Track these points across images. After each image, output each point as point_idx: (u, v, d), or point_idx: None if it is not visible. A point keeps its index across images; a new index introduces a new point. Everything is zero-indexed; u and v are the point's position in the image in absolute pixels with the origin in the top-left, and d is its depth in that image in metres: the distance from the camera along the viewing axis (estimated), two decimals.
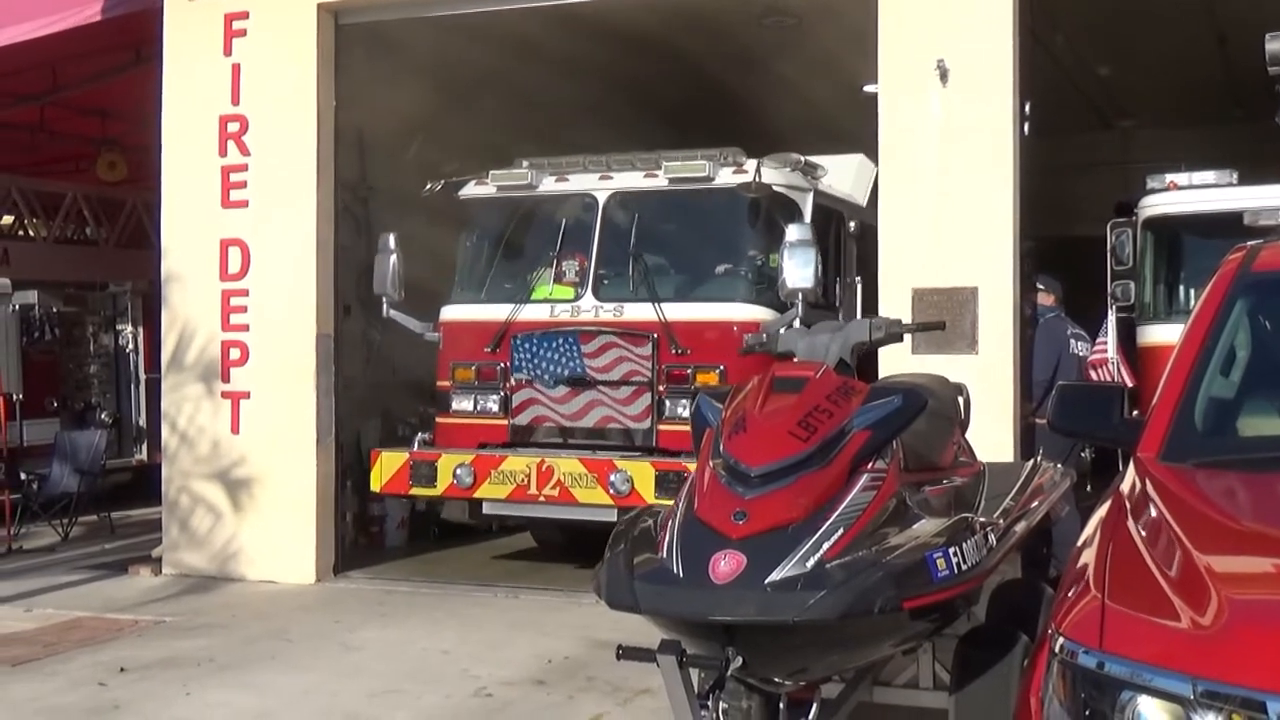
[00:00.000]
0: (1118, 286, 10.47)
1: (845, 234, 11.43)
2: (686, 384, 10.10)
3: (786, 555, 4.34)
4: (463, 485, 10.56)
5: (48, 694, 7.67)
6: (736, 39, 13.23)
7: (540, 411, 10.90)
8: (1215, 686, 2.58)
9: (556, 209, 11.24)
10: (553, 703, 7.35)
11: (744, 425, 4.88)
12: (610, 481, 9.80)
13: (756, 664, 4.50)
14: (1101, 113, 16.85)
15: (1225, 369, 4.45)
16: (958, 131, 9.19)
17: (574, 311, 10.72)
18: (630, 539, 4.90)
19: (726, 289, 10.66)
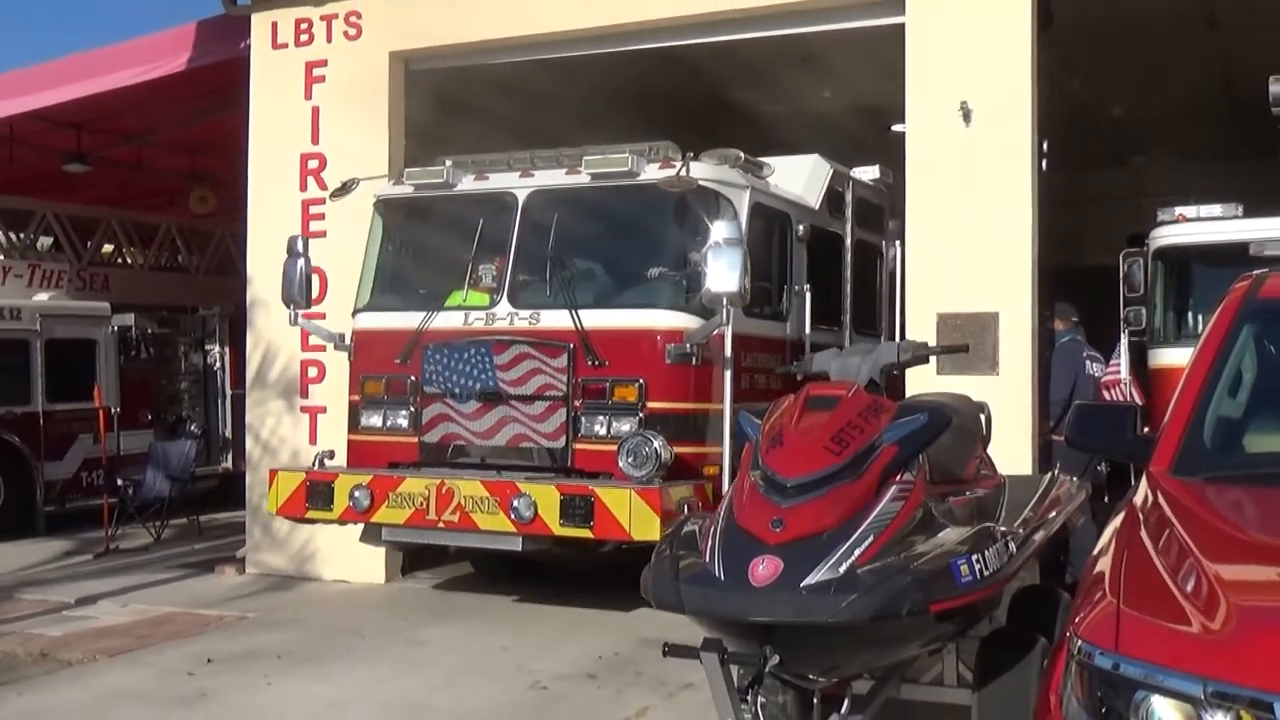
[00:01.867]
0: (1130, 312, 10.36)
1: (792, 237, 9.64)
2: (604, 399, 8.51)
3: (821, 560, 4.33)
4: (359, 509, 8.76)
5: (141, 683, 7.76)
6: (780, 81, 13.18)
7: (451, 428, 9.04)
8: (1225, 687, 2.56)
9: (475, 209, 9.37)
10: (603, 696, 7.33)
11: (781, 440, 4.86)
12: (513, 506, 8.08)
13: (793, 662, 4.49)
14: (1116, 150, 16.71)
15: (1232, 390, 4.41)
16: (980, 168, 9.14)
17: (488, 319, 8.94)
18: (675, 543, 4.89)
19: (649, 295, 8.83)
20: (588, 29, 10.78)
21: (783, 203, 9.57)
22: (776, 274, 9.50)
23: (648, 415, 8.26)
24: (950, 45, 9.26)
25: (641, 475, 7.77)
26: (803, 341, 9.44)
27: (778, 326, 9.42)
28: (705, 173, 8.64)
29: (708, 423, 8.50)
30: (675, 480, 8.12)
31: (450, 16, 11.24)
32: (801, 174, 10.11)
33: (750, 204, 8.86)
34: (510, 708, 7.20)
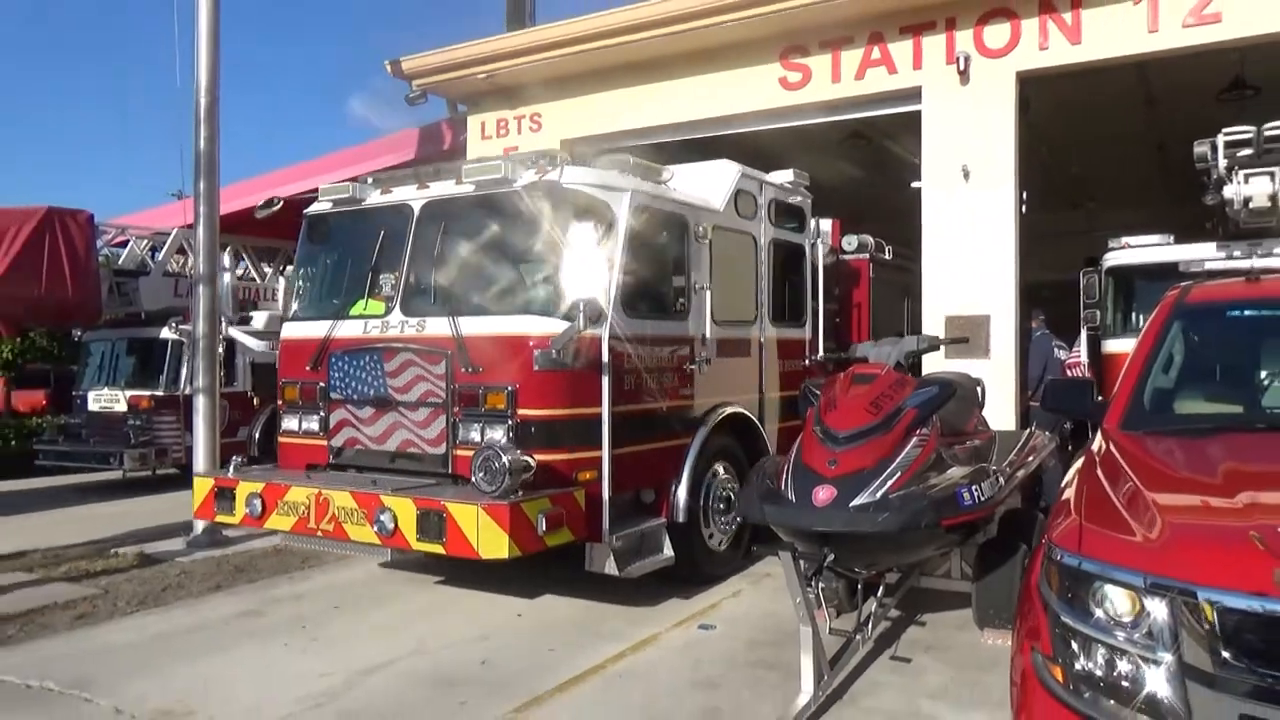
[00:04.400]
0: (1088, 313, 10.08)
1: (690, 237, 7.14)
2: (478, 406, 6.27)
3: (863, 489, 4.42)
4: (255, 515, 6.74)
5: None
6: (830, 153, 13.04)
7: (352, 434, 6.91)
8: (1159, 580, 2.51)
9: (380, 221, 7.18)
10: (716, 589, 7.12)
11: (835, 404, 4.95)
12: (376, 519, 5.99)
13: (843, 559, 4.61)
14: (1074, 197, 16.16)
15: (1165, 369, 4.29)
16: (976, 212, 9.03)
17: (383, 327, 6.77)
18: (759, 476, 5.00)
19: (521, 301, 6.43)
20: (691, 120, 10.78)
21: (677, 204, 7.10)
22: (673, 274, 7.21)
23: (519, 422, 6.07)
24: (954, 125, 9.15)
25: (492, 490, 5.59)
26: (705, 337, 7.15)
27: (676, 325, 7.02)
28: (578, 177, 6.41)
29: (585, 428, 6.15)
30: (540, 490, 5.81)
31: (600, 113, 11.31)
32: (706, 178, 7.86)
33: (632, 206, 6.50)
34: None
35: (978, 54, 8.97)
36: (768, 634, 5.85)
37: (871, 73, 9.57)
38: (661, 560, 6.56)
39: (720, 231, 7.46)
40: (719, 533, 7.21)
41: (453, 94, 12.22)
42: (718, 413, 7.16)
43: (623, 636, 5.94)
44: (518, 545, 5.49)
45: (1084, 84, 9.62)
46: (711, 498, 7.11)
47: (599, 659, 5.56)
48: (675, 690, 5.08)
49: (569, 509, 5.89)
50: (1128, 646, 2.51)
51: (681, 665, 5.46)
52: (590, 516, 6.06)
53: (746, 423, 7.57)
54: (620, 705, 4.90)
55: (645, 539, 6.56)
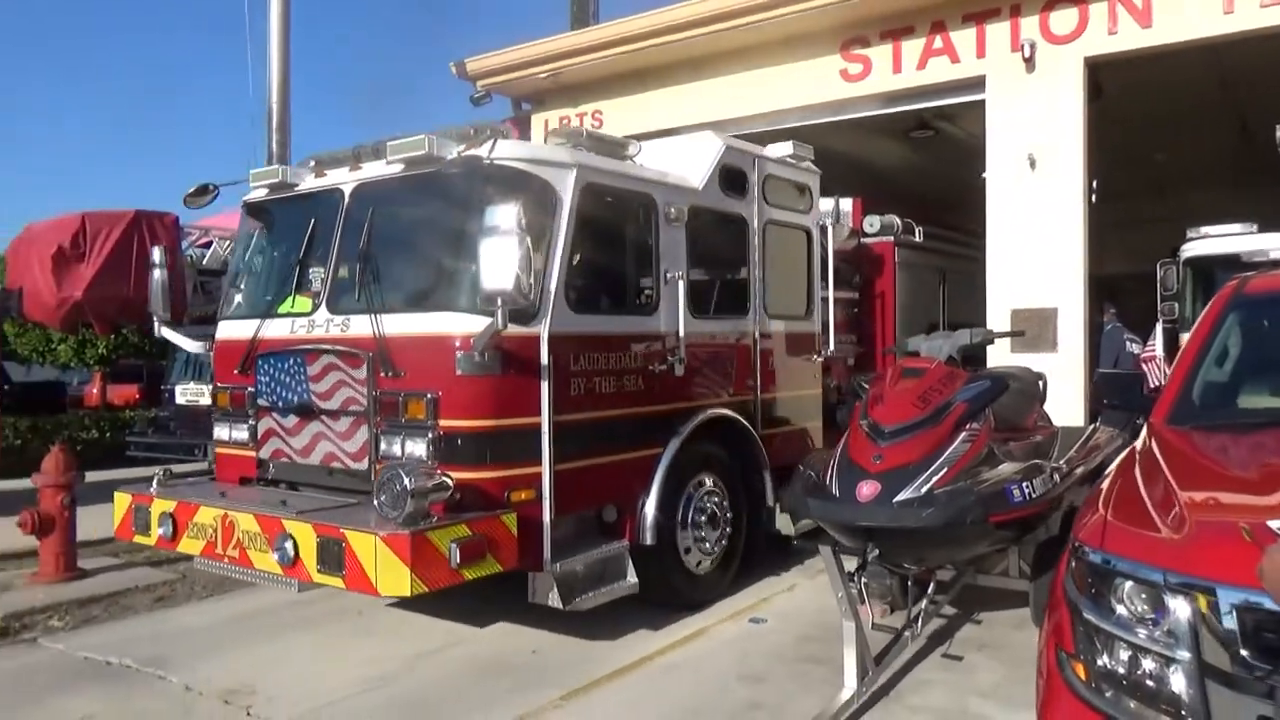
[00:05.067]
0: (1165, 306, 9.73)
1: (658, 220, 6.13)
2: (398, 416, 5.34)
3: (908, 484, 4.33)
4: (167, 537, 5.82)
5: None
6: (895, 145, 12.85)
7: (278, 444, 6.04)
8: (1179, 577, 2.47)
9: (312, 208, 6.19)
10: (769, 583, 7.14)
11: (882, 398, 4.84)
12: (277, 545, 5.10)
13: (888, 554, 4.48)
14: (1160, 183, 15.58)
15: (1220, 361, 4.15)
16: (1043, 202, 8.81)
17: (309, 327, 5.86)
18: (806, 470, 4.93)
19: (448, 295, 5.39)
20: (751, 114, 10.69)
21: (640, 182, 6.12)
22: (635, 262, 6.23)
23: (441, 434, 5.20)
24: (1019, 114, 8.95)
25: (395, 517, 4.78)
26: (679, 333, 6.15)
27: (641, 320, 6.06)
28: (512, 152, 5.46)
29: (520, 441, 5.27)
30: (459, 515, 4.96)
31: (661, 109, 11.28)
32: (682, 153, 6.78)
33: (579, 185, 5.57)
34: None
35: (1044, 40, 8.76)
36: (819, 629, 5.83)
37: (934, 62, 9.41)
38: (622, 589, 5.73)
39: (699, 213, 6.46)
40: (701, 553, 6.39)
41: (516, 93, 12.38)
42: (696, 418, 6.31)
43: (672, 631, 5.98)
44: (422, 580, 4.66)
45: (1158, 67, 9.29)
46: (691, 513, 6.33)
47: (647, 651, 5.63)
48: (720, 683, 5.10)
49: (495, 535, 5.01)
50: (1149, 645, 2.48)
51: (729, 658, 5.49)
52: (527, 542, 5.18)
53: (739, 428, 6.74)
54: (665, 696, 4.97)
55: (604, 565, 5.73)
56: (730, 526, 6.63)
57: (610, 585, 5.70)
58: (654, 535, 5.91)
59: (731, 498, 6.64)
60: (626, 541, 5.86)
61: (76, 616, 6.50)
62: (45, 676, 5.45)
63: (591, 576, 5.64)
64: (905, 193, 12.94)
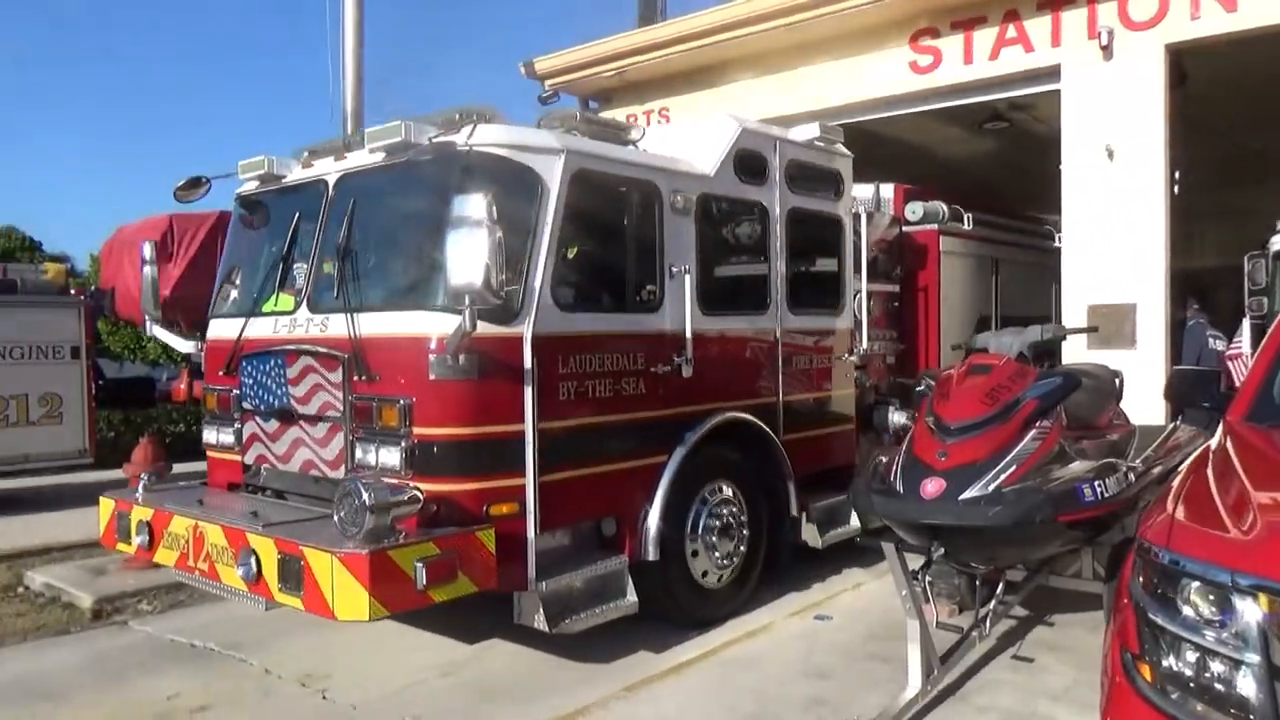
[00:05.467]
0: (1252, 301, 9.33)
1: (662, 209, 5.69)
2: (372, 422, 5.01)
3: (974, 481, 4.29)
4: (144, 546, 5.56)
5: None
6: (968, 138, 12.58)
7: (261, 450, 5.77)
8: (1246, 578, 2.42)
9: (298, 201, 5.87)
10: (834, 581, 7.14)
11: (948, 395, 4.84)
12: (241, 560, 4.80)
13: (954, 553, 4.45)
14: (1255, 172, 14.86)
15: None
16: (1121, 195, 8.55)
17: (290, 326, 5.56)
18: (871, 468, 4.94)
19: (424, 293, 4.98)
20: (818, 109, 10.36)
21: (641, 169, 5.68)
22: (635, 255, 5.74)
23: (416, 443, 4.83)
24: (1097, 104, 8.69)
25: (355, 534, 4.41)
26: (686, 331, 5.71)
27: (642, 318, 5.62)
28: (492, 137, 5.03)
29: (500, 450, 4.89)
30: (429, 531, 4.63)
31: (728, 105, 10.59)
32: (698, 137, 6.31)
33: (568, 172, 5.15)
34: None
35: (1122, 27, 8.49)
36: (886, 628, 5.80)
37: (1006, 52, 9.21)
38: (620, 609, 5.35)
39: (711, 201, 6.09)
40: (713, 567, 6.01)
41: (584, 92, 12.43)
42: (706, 423, 5.88)
43: (735, 626, 6.02)
44: (382, 603, 4.32)
45: (1247, 52, 8.92)
46: (702, 525, 5.96)
47: (710, 645, 5.68)
48: (784, 678, 5.12)
49: (469, 553, 4.65)
50: (1216, 647, 2.44)
51: (793, 655, 5.51)
52: (508, 560, 4.82)
53: (757, 432, 6.32)
54: (728, 689, 5.00)
55: (602, 581, 5.35)
56: (748, 538, 6.27)
57: (606, 604, 5.30)
58: (657, 549, 5.54)
59: (750, 507, 6.28)
60: (626, 556, 5.46)
61: (164, 601, 6.82)
62: (135, 657, 5.75)
63: (587, 595, 5.26)
64: (979, 186, 12.60)
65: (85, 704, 5.11)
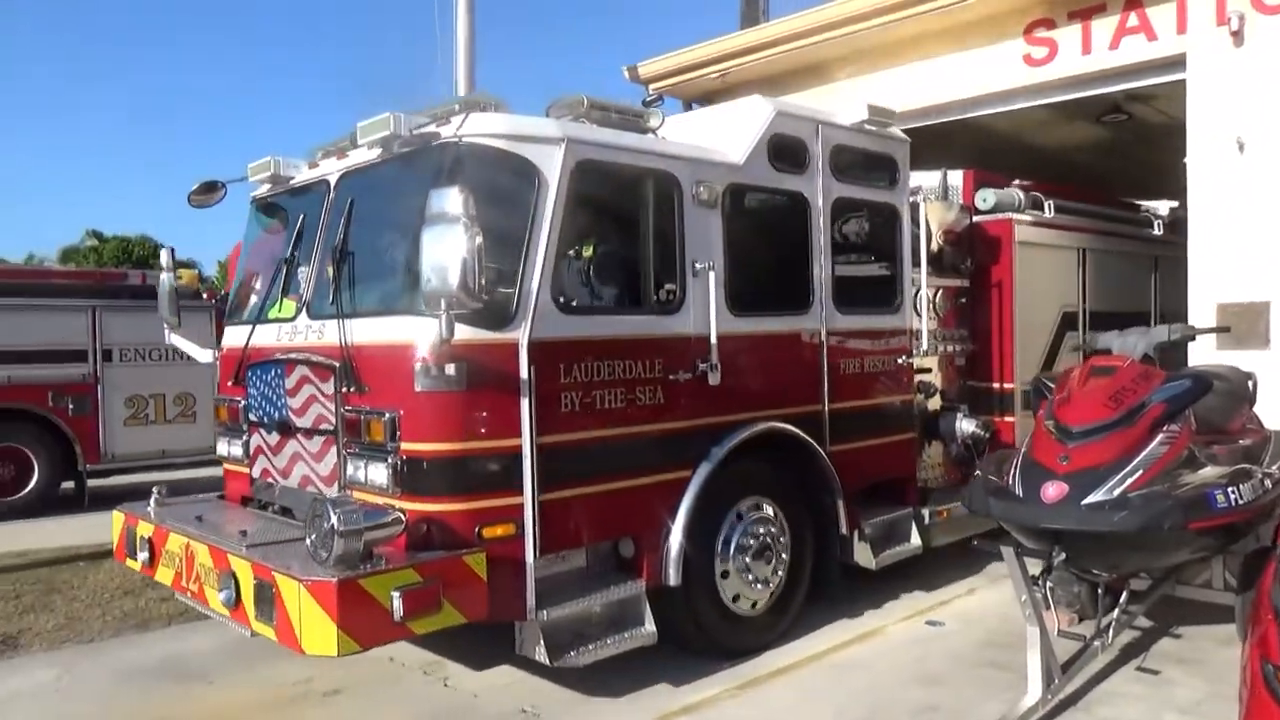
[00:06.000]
0: None
1: (683, 202, 5.32)
2: (361, 437, 4.74)
3: (1098, 486, 4.21)
4: (146, 563, 5.44)
5: None
6: (1085, 131, 12.07)
7: (265, 464, 5.62)
8: None
9: (304, 202, 5.67)
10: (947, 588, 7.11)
11: (1069, 398, 4.74)
12: (224, 584, 4.59)
13: (1076, 559, 4.40)
14: None
15: None
16: (1253, 189, 8.12)
17: (291, 334, 5.37)
18: (988, 470, 4.88)
19: (412, 298, 4.56)
20: (926, 105, 10.18)
21: (656, 158, 5.28)
22: (652, 251, 5.32)
23: (404, 459, 4.54)
24: (1226, 93, 8.27)
25: (325, 560, 4.12)
26: (712, 334, 5.31)
27: (660, 320, 5.23)
28: (484, 127, 4.70)
29: (494, 467, 4.54)
30: (415, 556, 4.33)
31: (834, 103, 10.38)
32: (728, 123, 5.91)
33: (570, 163, 4.79)
34: None
35: (1254, 11, 8.07)
36: (1001, 635, 5.73)
37: (1127, 41, 8.84)
38: (635, 639, 4.97)
39: (741, 191, 5.70)
40: (749, 593, 5.62)
41: (687, 95, 12.41)
42: (737, 434, 5.47)
43: (846, 629, 6.02)
44: (354, 637, 4.02)
45: None
46: (734, 546, 5.56)
47: (817, 649, 5.70)
48: (895, 683, 5.13)
49: (456, 580, 4.31)
50: None
51: (904, 659, 5.50)
52: (502, 587, 4.49)
53: (799, 444, 5.89)
54: (839, 691, 5.04)
55: (620, 608, 5.01)
56: (790, 560, 5.86)
57: (621, 634, 4.93)
58: (679, 573, 5.14)
59: (792, 526, 5.88)
60: (644, 581, 5.08)
61: None
62: (267, 644, 6.04)
63: (600, 623, 4.92)
64: (1086, 175, 12.11)
65: (231, 685, 5.47)
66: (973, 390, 7.82)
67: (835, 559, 6.23)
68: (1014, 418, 7.74)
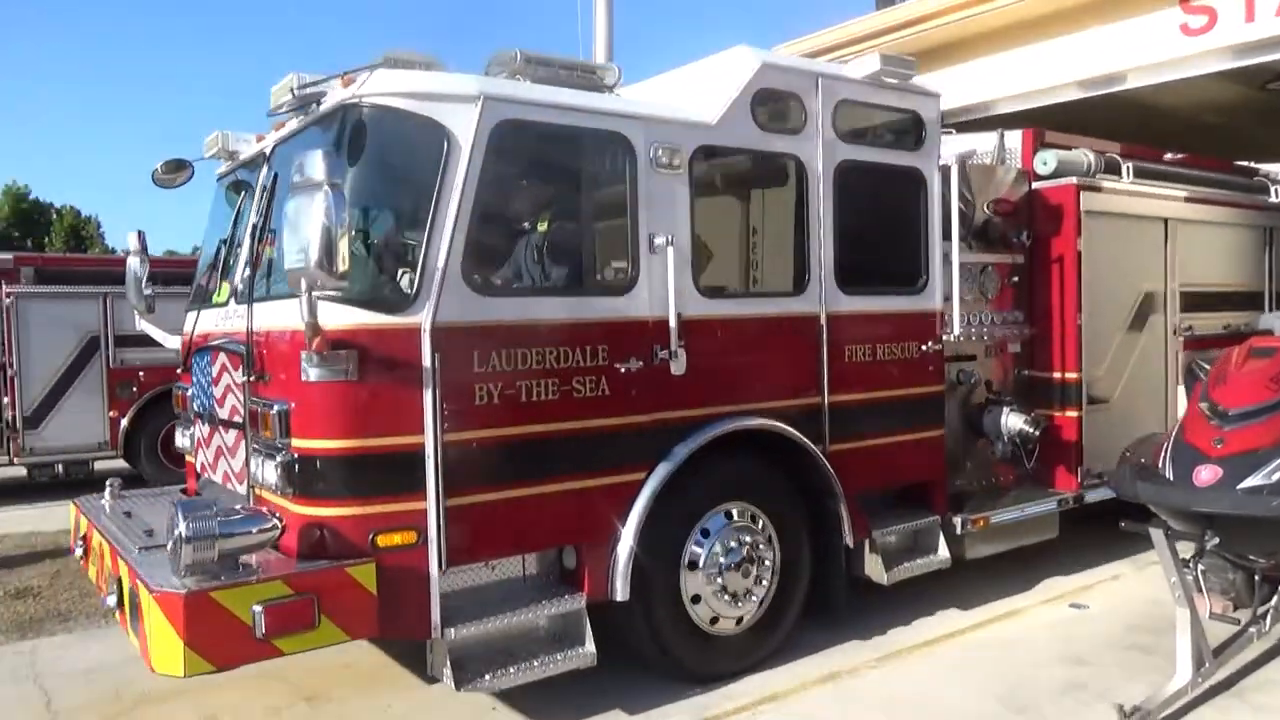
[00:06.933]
0: None
1: (643, 169, 4.64)
2: (260, 431, 4.33)
3: (1256, 470, 4.11)
4: (83, 557, 5.22)
5: None
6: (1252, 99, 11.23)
7: (202, 457, 5.32)
8: None
9: (248, 177, 5.31)
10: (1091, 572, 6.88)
11: (1225, 380, 4.68)
12: (112, 586, 4.32)
13: (1229, 544, 4.45)
14: None
15: None
16: None
17: (222, 319, 5.00)
18: (1134, 455, 4.85)
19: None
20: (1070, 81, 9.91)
21: (601, 117, 4.58)
22: (598, 223, 4.81)
23: (296, 457, 4.07)
24: None
25: (177, 570, 3.74)
26: (674, 318, 4.62)
27: (607, 302, 4.59)
28: (387, 85, 4.19)
29: (392, 467, 4.03)
30: (287, 567, 3.92)
31: (973, 82, 10.72)
32: (705, 78, 5.18)
33: (489, 123, 4.19)
34: None
35: None
36: (1149, 620, 5.62)
37: None
38: (572, 659, 4.43)
39: (716, 154, 5.04)
40: (725, 610, 4.97)
41: None
42: (707, 431, 4.82)
43: (989, 610, 6.03)
44: (204, 655, 3.63)
45: None
46: (705, 558, 4.89)
47: (961, 625, 5.76)
48: (1038, 662, 5.14)
49: (337, 593, 3.87)
50: None
51: (1048, 640, 5.49)
52: (398, 601, 4.03)
53: (791, 443, 5.19)
54: (980, 667, 5.08)
55: (560, 624, 4.53)
56: (779, 574, 5.20)
57: (554, 655, 4.40)
58: (627, 587, 4.56)
59: (783, 535, 5.21)
60: (584, 595, 4.53)
61: None
62: None
63: (537, 641, 4.50)
64: (1256, 147, 10.87)
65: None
66: (1030, 381, 6.89)
67: (840, 572, 5.50)
68: (1077, 412, 6.74)
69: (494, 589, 4.49)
